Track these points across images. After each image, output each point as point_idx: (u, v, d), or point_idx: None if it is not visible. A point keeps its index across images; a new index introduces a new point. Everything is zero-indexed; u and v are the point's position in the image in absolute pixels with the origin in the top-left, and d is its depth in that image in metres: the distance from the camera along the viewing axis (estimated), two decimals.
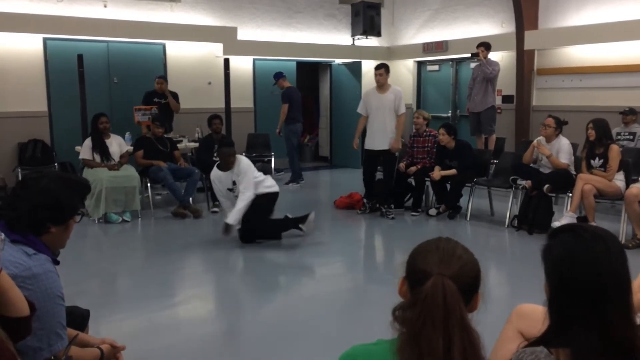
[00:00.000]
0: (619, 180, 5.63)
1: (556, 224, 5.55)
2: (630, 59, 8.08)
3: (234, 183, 5.61)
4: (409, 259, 1.38)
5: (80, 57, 7.63)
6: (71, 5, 8.57)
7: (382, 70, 6.75)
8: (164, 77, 8.45)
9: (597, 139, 5.68)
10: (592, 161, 5.77)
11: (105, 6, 8.81)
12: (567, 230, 1.39)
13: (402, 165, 7.13)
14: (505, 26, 9.68)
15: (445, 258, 1.32)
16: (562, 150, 5.98)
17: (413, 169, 7.03)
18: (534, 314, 1.91)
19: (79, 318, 2.28)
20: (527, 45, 9.14)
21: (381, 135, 6.75)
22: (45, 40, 8.53)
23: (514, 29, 9.29)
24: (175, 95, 8.49)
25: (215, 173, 5.71)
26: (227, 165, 5.58)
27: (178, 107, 8.48)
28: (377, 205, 6.97)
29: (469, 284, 1.31)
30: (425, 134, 7.16)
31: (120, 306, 4.09)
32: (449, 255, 1.33)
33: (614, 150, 5.63)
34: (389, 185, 6.95)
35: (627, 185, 5.56)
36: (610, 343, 1.24)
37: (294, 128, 9.16)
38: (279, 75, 9.18)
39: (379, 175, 7.12)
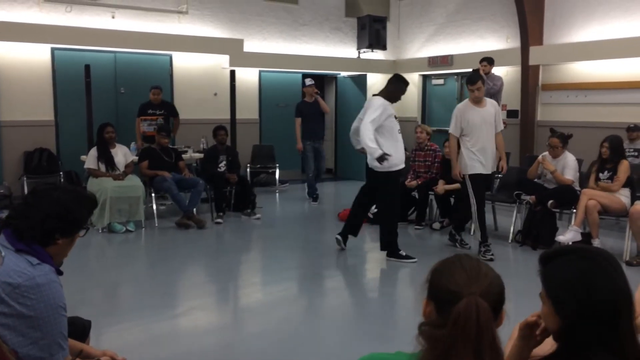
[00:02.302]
0: (624, 196, 5.62)
1: (561, 238, 5.53)
2: (635, 75, 8.09)
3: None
4: (431, 278, 1.34)
5: (87, 67, 7.70)
6: (79, 16, 8.66)
7: (480, 82, 5.50)
8: (160, 88, 8.39)
9: (609, 157, 5.70)
10: (600, 174, 5.78)
11: (113, 17, 8.90)
12: (572, 253, 1.37)
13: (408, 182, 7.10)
14: (511, 41, 9.72)
15: (473, 276, 1.28)
16: (568, 166, 5.98)
17: (413, 183, 7.03)
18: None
19: (80, 328, 2.28)
20: (532, 61, 9.17)
21: (492, 156, 5.56)
22: (53, 50, 8.61)
23: (519, 44, 9.33)
24: (172, 107, 8.49)
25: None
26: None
27: (178, 124, 8.54)
28: (452, 231, 6.08)
29: (496, 301, 1.28)
30: (426, 148, 7.16)
31: (122, 316, 4.09)
32: (476, 274, 1.29)
33: (624, 164, 5.67)
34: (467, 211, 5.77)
35: (632, 202, 5.55)
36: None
37: (304, 143, 8.67)
38: (303, 84, 8.84)
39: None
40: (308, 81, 8.67)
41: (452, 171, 5.77)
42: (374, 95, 5.66)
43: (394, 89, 5.58)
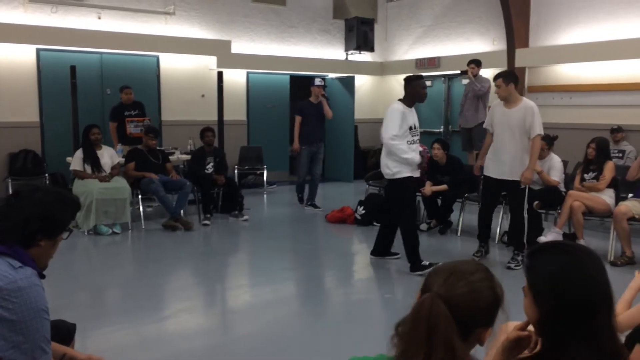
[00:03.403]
0: (609, 197, 5.68)
1: (542, 239, 5.58)
2: (619, 77, 8.19)
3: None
4: (427, 274, 1.35)
5: (73, 68, 7.64)
6: (65, 17, 8.59)
7: (500, 80, 5.22)
8: (131, 87, 8.14)
9: (595, 158, 5.77)
10: (585, 175, 5.85)
11: (99, 18, 8.84)
12: (555, 248, 1.40)
13: None
14: (497, 44, 9.80)
15: (452, 280, 1.27)
16: (554, 167, 6.03)
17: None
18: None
19: (64, 332, 2.26)
20: (518, 63, 9.24)
21: (508, 161, 5.24)
22: (38, 50, 8.53)
23: (505, 47, 9.40)
24: (144, 107, 8.30)
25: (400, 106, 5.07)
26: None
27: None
28: (514, 251, 5.45)
29: (469, 315, 1.24)
30: None
31: (108, 319, 4.05)
32: (457, 278, 1.27)
33: (610, 164, 5.75)
34: (520, 226, 5.35)
35: (617, 203, 5.61)
36: (603, 355, 1.29)
37: (300, 147, 8.15)
38: (312, 82, 8.31)
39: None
40: (318, 81, 8.25)
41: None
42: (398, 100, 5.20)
43: (412, 90, 5.11)
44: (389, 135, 4.96)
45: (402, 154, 4.97)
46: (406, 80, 5.21)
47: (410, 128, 5.08)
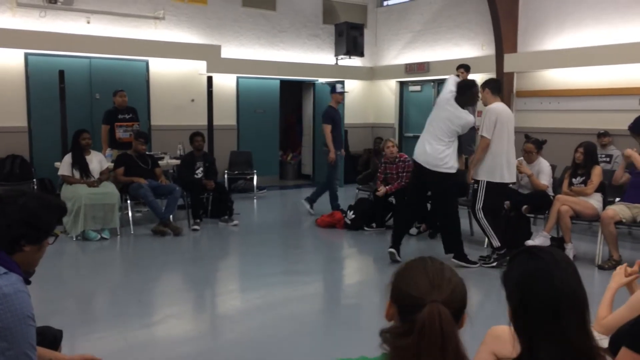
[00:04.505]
0: (596, 201, 5.73)
1: (529, 242, 5.61)
2: (607, 82, 8.28)
3: None
4: (394, 281, 1.34)
5: (61, 73, 7.60)
6: (54, 21, 8.55)
7: (480, 87, 5.62)
8: (124, 90, 8.08)
9: (583, 162, 5.82)
10: (573, 179, 5.89)
11: (88, 22, 8.81)
12: (524, 253, 1.48)
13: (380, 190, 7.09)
14: (486, 49, 9.87)
15: (436, 282, 1.28)
16: (543, 171, 6.07)
17: (383, 190, 7.02)
18: (508, 335, 1.93)
19: (50, 338, 2.24)
20: (507, 68, 9.32)
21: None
22: (26, 55, 8.48)
23: (494, 52, 9.47)
24: (136, 112, 8.24)
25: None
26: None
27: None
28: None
29: (458, 308, 1.30)
30: (397, 160, 7.16)
31: (96, 325, 4.02)
32: (439, 279, 1.29)
33: (597, 169, 5.80)
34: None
35: (604, 207, 5.65)
36: (573, 355, 1.36)
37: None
38: (333, 89, 8.18)
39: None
40: (339, 87, 8.19)
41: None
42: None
43: (472, 95, 5.55)
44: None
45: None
46: (466, 86, 5.54)
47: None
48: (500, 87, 5.76)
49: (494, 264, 5.48)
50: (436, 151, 5.42)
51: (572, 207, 5.63)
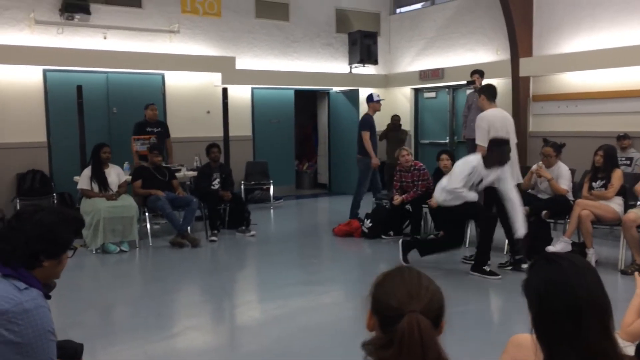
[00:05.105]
0: (617, 205, 5.64)
1: (550, 248, 5.53)
2: (625, 84, 8.16)
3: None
4: (374, 291, 1.37)
5: (79, 88, 7.71)
6: (71, 37, 8.68)
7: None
8: (155, 104, 8.46)
9: (603, 166, 5.73)
10: (593, 183, 5.81)
11: (105, 37, 8.93)
12: (543, 259, 1.47)
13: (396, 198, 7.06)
14: (500, 53, 9.80)
15: (414, 292, 1.31)
16: (562, 176, 5.99)
17: (399, 199, 6.98)
18: (530, 343, 1.91)
19: (71, 352, 2.26)
20: (522, 72, 9.24)
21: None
22: (45, 71, 8.62)
23: (509, 56, 9.40)
24: (166, 127, 8.52)
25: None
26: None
27: (171, 146, 8.60)
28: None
29: (437, 316, 1.32)
30: (412, 169, 7.12)
31: (116, 338, 4.05)
32: (417, 288, 1.32)
33: (618, 172, 5.72)
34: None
35: (625, 210, 5.56)
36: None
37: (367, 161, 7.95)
38: (370, 98, 8.18)
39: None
40: (376, 96, 8.17)
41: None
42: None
43: (493, 155, 5.31)
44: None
45: None
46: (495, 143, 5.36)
47: None
48: (495, 93, 5.97)
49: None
50: None
51: (593, 212, 5.54)
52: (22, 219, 1.90)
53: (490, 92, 5.85)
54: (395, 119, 10.34)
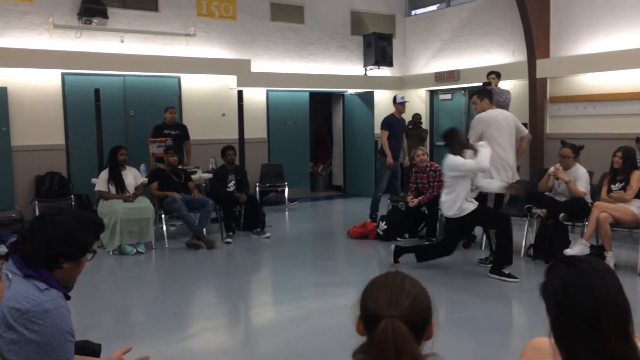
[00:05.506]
0: (636, 207, 5.56)
1: (568, 251, 5.48)
2: None
3: None
4: (361, 296, 1.39)
5: (97, 91, 7.80)
6: (89, 41, 8.79)
7: (475, 97, 6.16)
8: (174, 107, 8.60)
9: (622, 167, 5.67)
10: (612, 185, 5.75)
11: (122, 41, 9.02)
12: (562, 263, 1.47)
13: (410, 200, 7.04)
14: (517, 55, 9.73)
15: (395, 297, 1.32)
16: (580, 178, 5.93)
17: (415, 201, 6.96)
18: (548, 347, 1.89)
19: (89, 352, 2.28)
20: (539, 74, 9.16)
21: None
22: (63, 75, 8.73)
23: (526, 58, 9.33)
24: (186, 129, 8.62)
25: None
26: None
27: (190, 148, 8.70)
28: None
29: (420, 319, 1.32)
30: (428, 169, 7.10)
31: (133, 338, 4.07)
32: (398, 293, 1.33)
33: (637, 174, 5.65)
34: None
35: None
36: None
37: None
38: (394, 100, 8.21)
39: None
40: (400, 98, 8.18)
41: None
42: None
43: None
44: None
45: None
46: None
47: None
48: (492, 95, 6.31)
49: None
50: None
51: (612, 214, 5.47)
52: (44, 221, 1.93)
53: (490, 94, 6.18)
54: (417, 117, 10.47)
